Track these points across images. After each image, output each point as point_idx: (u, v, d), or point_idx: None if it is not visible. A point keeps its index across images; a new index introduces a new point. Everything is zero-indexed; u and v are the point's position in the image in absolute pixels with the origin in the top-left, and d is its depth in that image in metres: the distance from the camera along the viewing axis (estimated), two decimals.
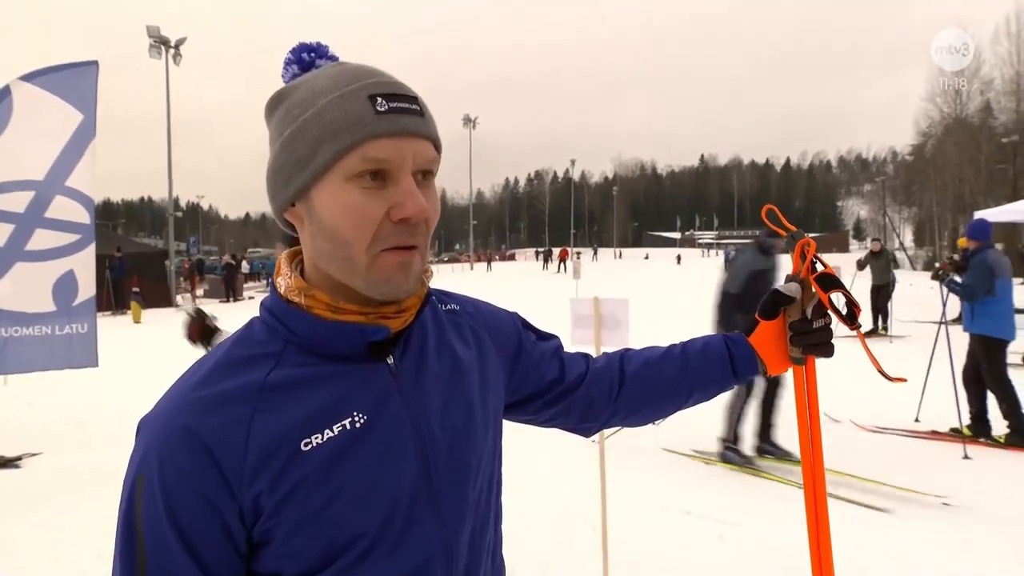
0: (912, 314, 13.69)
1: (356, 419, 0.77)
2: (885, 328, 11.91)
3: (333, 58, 0.86)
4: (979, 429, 5.58)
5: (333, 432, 0.75)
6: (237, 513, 0.72)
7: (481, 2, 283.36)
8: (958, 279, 5.83)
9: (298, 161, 0.76)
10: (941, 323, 6.08)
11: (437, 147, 0.80)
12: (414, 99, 0.78)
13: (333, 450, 0.75)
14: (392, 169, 0.75)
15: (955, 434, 5.57)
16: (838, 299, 1.04)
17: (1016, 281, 7.38)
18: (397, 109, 0.75)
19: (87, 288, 5.01)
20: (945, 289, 5.87)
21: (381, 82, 0.77)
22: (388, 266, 0.76)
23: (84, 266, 4.94)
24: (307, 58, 0.84)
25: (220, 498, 0.71)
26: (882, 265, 12.11)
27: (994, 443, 5.50)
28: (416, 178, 0.77)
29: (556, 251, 48.35)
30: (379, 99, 0.75)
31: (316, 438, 0.75)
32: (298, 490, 0.73)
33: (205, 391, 0.75)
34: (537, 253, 59.88)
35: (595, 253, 69.46)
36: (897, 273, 12.31)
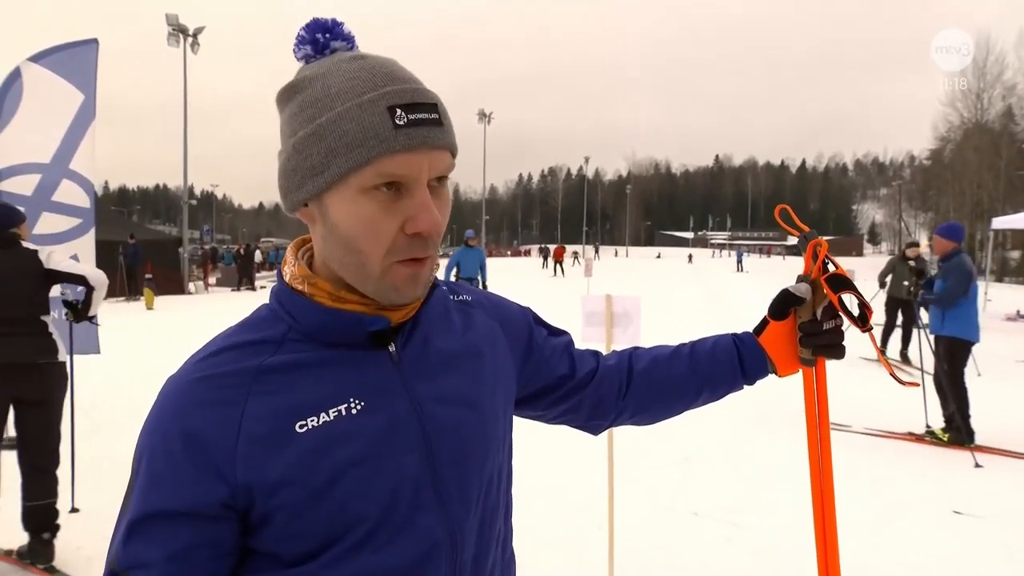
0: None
1: (353, 405, 0.77)
2: (906, 357, 9.24)
3: (348, 38, 0.82)
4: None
5: (329, 416, 0.76)
6: (228, 494, 0.73)
7: None
8: (930, 289, 5.85)
9: (312, 168, 0.75)
10: (917, 328, 6.08)
11: (453, 153, 0.79)
12: (434, 106, 0.75)
13: (328, 434, 0.75)
14: (408, 183, 0.74)
15: (931, 437, 5.68)
16: (850, 301, 1.03)
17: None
18: (416, 121, 0.73)
19: None
20: (919, 306, 5.91)
21: (402, 90, 0.74)
22: (400, 277, 0.77)
23: (86, 251, 4.82)
24: (321, 39, 0.81)
25: (210, 477, 0.72)
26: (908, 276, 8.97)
27: (937, 441, 5.62)
28: (430, 184, 0.76)
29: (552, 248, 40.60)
30: (399, 111, 0.72)
31: (312, 420, 0.75)
32: (293, 472, 0.73)
33: (204, 373, 0.77)
34: (541, 250, 52.08)
35: (596, 252, 66.71)
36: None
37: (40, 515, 3.47)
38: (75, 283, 3.62)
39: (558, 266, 34.54)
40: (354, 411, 0.77)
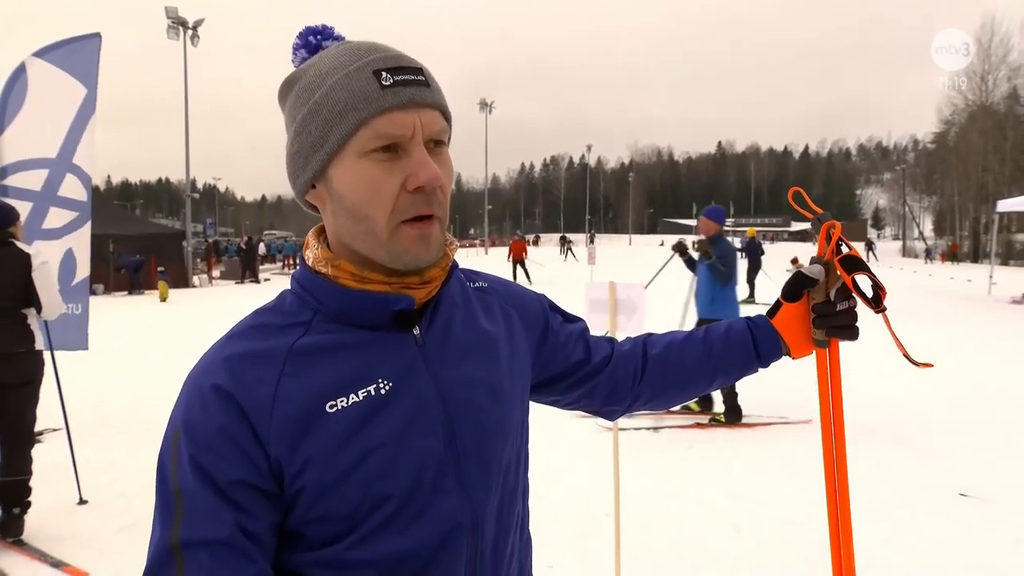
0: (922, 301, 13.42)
1: (381, 386, 0.79)
2: None
3: (339, 38, 0.87)
4: (704, 405, 5.87)
5: (358, 397, 0.77)
6: (267, 466, 0.74)
7: None
8: (692, 269, 5.94)
9: (313, 144, 0.78)
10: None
11: (446, 116, 0.82)
12: (419, 70, 0.80)
13: (358, 414, 0.77)
14: (403, 141, 0.77)
15: (715, 422, 5.74)
16: (863, 282, 1.03)
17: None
18: (402, 81, 0.77)
19: (83, 268, 4.93)
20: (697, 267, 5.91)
21: (385, 56, 0.79)
22: (408, 239, 0.78)
23: (81, 245, 4.88)
24: (314, 41, 0.86)
25: (251, 447, 0.73)
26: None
27: (718, 422, 5.70)
28: (428, 147, 0.79)
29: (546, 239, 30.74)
30: (384, 73, 0.77)
31: (341, 401, 0.77)
32: (323, 451, 0.75)
33: (235, 351, 0.78)
34: (534, 240, 45.19)
35: (592, 239, 64.60)
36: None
37: (14, 490, 3.72)
38: (35, 300, 3.76)
39: (518, 267, 21.84)
40: (383, 391, 0.79)
